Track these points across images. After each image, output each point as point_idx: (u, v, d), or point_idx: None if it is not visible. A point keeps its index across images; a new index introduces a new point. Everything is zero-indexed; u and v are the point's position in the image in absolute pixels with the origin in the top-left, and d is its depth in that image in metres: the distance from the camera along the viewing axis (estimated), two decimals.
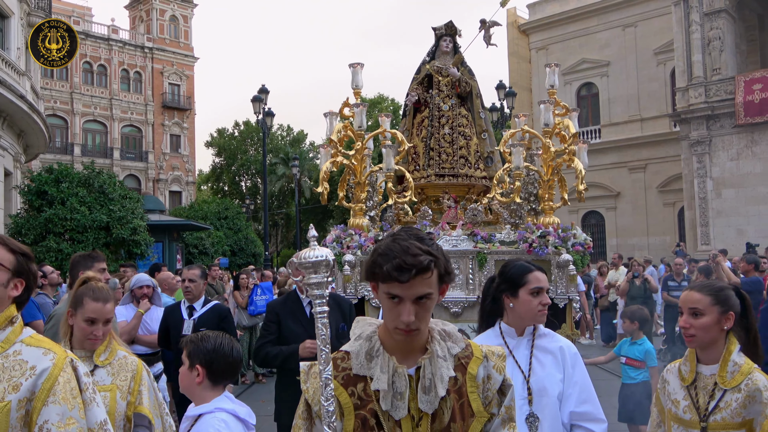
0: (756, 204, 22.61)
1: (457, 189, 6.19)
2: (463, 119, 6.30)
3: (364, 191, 5.39)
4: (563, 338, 2.79)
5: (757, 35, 25.44)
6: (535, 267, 2.75)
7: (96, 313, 2.78)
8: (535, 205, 5.55)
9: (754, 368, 2.40)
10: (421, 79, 6.48)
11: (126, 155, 41.68)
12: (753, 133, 22.74)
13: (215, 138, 49.13)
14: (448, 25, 6.47)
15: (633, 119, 28.90)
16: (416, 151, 6.33)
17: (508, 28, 31.44)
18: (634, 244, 27.74)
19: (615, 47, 29.30)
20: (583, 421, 2.57)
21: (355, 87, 5.29)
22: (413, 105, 6.46)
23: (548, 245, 4.97)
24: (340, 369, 1.74)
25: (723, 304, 2.45)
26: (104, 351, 2.81)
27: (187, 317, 4.82)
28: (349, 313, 4.25)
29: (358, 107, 5.16)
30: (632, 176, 28.85)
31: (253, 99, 20.06)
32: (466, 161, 6.22)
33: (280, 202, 47.08)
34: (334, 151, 5.25)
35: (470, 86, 6.36)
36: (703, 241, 23.64)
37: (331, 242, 5.34)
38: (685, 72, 24.13)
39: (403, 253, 1.62)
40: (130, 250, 17.54)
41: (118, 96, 41.25)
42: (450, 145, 6.21)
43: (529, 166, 5.32)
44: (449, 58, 6.45)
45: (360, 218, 5.40)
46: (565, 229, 5.03)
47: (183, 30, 43.96)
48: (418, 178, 6.23)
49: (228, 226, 30.18)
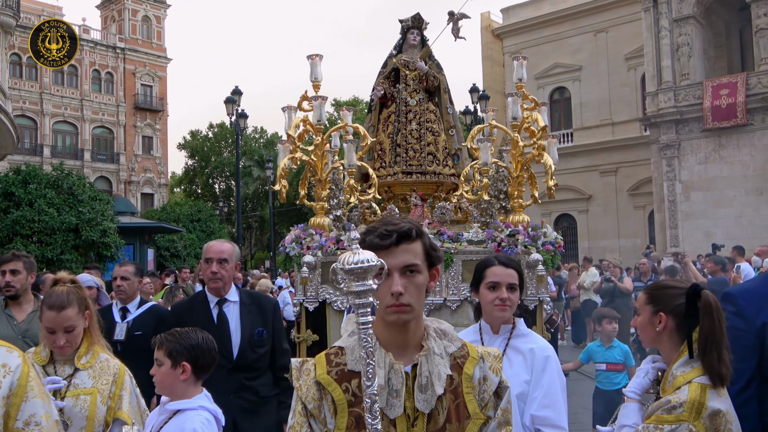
0: (723, 207, 22.79)
1: (425, 187, 5.90)
2: (431, 115, 6.00)
3: (325, 189, 5.06)
4: (541, 340, 2.71)
5: (724, 41, 25.70)
6: (500, 261, 2.68)
7: (51, 323, 2.64)
8: (505, 203, 5.29)
9: (693, 383, 2.06)
10: (388, 73, 6.17)
11: (97, 157, 40.82)
12: (720, 137, 22.93)
13: (188, 140, 48.42)
14: (416, 17, 6.18)
15: (604, 123, 29.02)
16: (382, 148, 6.03)
17: (482, 32, 31.40)
18: (605, 247, 27.80)
19: (587, 52, 29.40)
20: (543, 425, 2.53)
21: (314, 79, 4.96)
22: (379, 100, 6.15)
23: (517, 244, 4.70)
24: (334, 364, 1.69)
25: (656, 303, 2.21)
26: (86, 354, 2.72)
27: (119, 320, 4.25)
28: (273, 317, 3.81)
29: (317, 100, 4.84)
30: (603, 179, 28.95)
31: (226, 100, 19.72)
32: (434, 158, 5.93)
33: (254, 204, 46.51)
34: (293, 146, 4.92)
35: (438, 80, 6.07)
36: (672, 243, 23.78)
37: (290, 242, 5.01)
38: (654, 77, 24.27)
39: (384, 224, 1.67)
40: (100, 253, 17.21)
41: (89, 97, 40.36)
42: (417, 141, 5.92)
43: (498, 162, 5.06)
44: (417, 51, 6.16)
45: (321, 217, 5.08)
46: (534, 227, 4.77)
47: (156, 30, 43.20)
48: (385, 175, 5.92)
49: (201, 229, 29.89)
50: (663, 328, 2.18)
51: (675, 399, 2.05)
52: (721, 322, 2.10)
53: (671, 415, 2.02)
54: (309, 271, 4.81)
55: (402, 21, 6.27)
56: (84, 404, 2.63)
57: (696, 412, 2.00)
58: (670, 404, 2.04)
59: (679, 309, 2.16)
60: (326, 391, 1.66)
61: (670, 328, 2.17)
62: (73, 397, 2.64)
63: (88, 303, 2.80)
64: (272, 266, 26.36)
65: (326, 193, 5.05)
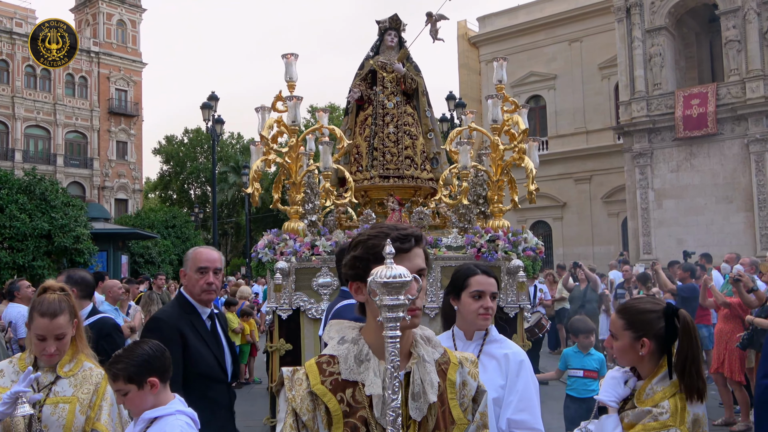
0: (695, 214, 23.01)
1: (402, 191, 5.72)
2: (408, 118, 5.85)
3: (300, 192, 4.86)
4: (514, 346, 2.69)
5: (695, 52, 26.03)
6: (481, 270, 2.67)
7: (43, 330, 2.60)
8: (484, 207, 5.14)
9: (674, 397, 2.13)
10: (365, 75, 6.00)
11: (70, 162, 39.99)
12: (692, 146, 23.17)
13: (164, 145, 47.73)
14: (393, 18, 6.03)
15: (579, 131, 29.19)
16: (359, 152, 5.85)
17: (459, 41, 31.45)
18: (579, 254, 27.89)
19: (561, 61, 29.59)
20: (519, 429, 2.54)
21: (289, 79, 4.77)
22: (356, 102, 5.98)
23: (498, 250, 4.54)
24: (327, 374, 1.63)
25: (637, 329, 2.25)
26: (69, 362, 2.68)
27: None
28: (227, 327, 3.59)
29: (292, 100, 4.64)
30: (578, 187, 29.10)
31: (202, 106, 19.43)
32: (411, 162, 5.77)
33: (230, 210, 45.96)
34: (266, 148, 4.71)
35: (416, 83, 5.92)
36: (645, 250, 23.95)
37: (263, 248, 4.80)
38: (627, 86, 24.47)
39: (394, 229, 1.65)
40: (73, 259, 16.95)
41: (63, 101, 39.54)
42: (395, 144, 5.75)
43: (478, 166, 4.90)
44: (394, 53, 6.00)
45: (295, 222, 4.87)
46: (515, 233, 4.62)
47: (131, 35, 42.53)
48: (361, 179, 5.74)
49: (176, 235, 29.59)
50: (647, 353, 2.22)
51: (657, 410, 2.11)
52: (696, 339, 2.18)
53: (657, 422, 2.08)
54: (282, 278, 4.59)
55: (379, 22, 6.11)
56: (62, 412, 2.59)
57: (681, 417, 2.09)
58: (653, 414, 2.10)
59: (661, 332, 2.21)
60: (320, 401, 1.61)
61: (651, 350, 2.23)
62: (52, 405, 2.60)
63: (76, 311, 2.76)
64: (248, 273, 26.03)
65: (301, 197, 4.85)
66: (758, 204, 21.90)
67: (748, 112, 21.86)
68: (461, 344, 2.67)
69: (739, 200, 22.39)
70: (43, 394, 2.61)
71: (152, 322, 3.20)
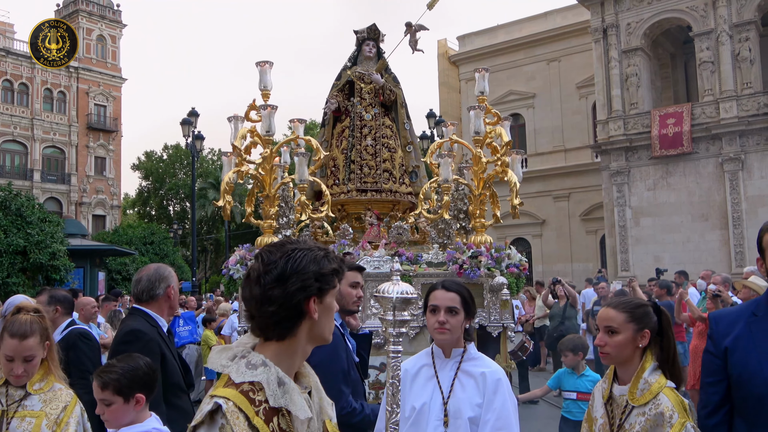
0: (671, 232, 23.10)
1: (380, 205, 5.48)
2: (386, 130, 5.63)
3: (274, 206, 4.60)
4: (492, 364, 2.64)
5: (670, 73, 26.35)
6: (443, 285, 2.66)
7: (12, 351, 2.59)
8: (465, 223, 4.91)
9: (666, 388, 2.30)
10: (342, 85, 5.78)
11: (47, 177, 39.18)
12: (668, 164, 23.31)
13: (143, 161, 47.11)
14: (371, 28, 5.83)
15: (557, 150, 29.29)
16: (336, 164, 5.61)
17: (439, 59, 31.54)
18: (558, 271, 27.85)
19: (540, 80, 29.76)
20: None
21: (263, 88, 4.53)
22: (333, 113, 5.75)
23: (480, 267, 4.31)
24: (257, 403, 1.49)
25: (639, 322, 2.38)
26: (39, 381, 2.67)
27: None
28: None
29: (266, 110, 4.40)
30: (557, 204, 29.13)
31: (182, 122, 19.29)
32: (390, 175, 5.54)
33: (210, 227, 45.37)
34: (239, 159, 4.45)
35: (395, 94, 5.70)
36: (623, 267, 23.98)
37: (234, 264, 4.52)
38: (605, 105, 24.64)
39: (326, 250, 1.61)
40: (49, 276, 16.60)
41: (41, 116, 38.81)
42: (373, 157, 5.52)
43: (459, 179, 4.69)
44: (372, 63, 5.79)
45: (269, 236, 4.60)
46: (498, 249, 4.40)
47: (111, 50, 42.00)
48: (338, 193, 5.50)
49: (154, 252, 29.23)
50: (646, 344, 2.38)
51: (665, 410, 2.23)
52: (673, 334, 2.43)
53: (675, 426, 2.21)
54: None
55: (357, 32, 5.91)
56: (28, 426, 2.59)
57: (684, 410, 2.26)
58: (665, 416, 2.22)
59: (656, 325, 2.39)
60: None
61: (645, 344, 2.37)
62: (19, 419, 2.61)
63: (48, 333, 2.75)
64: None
65: (275, 211, 4.59)
66: (732, 222, 22.04)
67: (722, 131, 22.07)
68: (439, 361, 2.61)
69: (714, 218, 22.53)
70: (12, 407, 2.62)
71: (131, 335, 3.09)
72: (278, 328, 1.53)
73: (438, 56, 31.50)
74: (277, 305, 1.50)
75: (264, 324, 1.53)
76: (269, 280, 1.50)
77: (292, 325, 1.53)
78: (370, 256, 4.59)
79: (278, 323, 1.52)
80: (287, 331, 1.53)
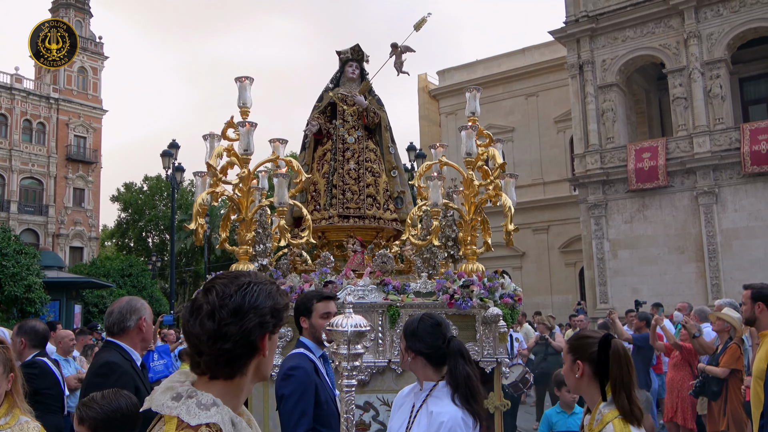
0: (649, 264, 23.02)
1: (363, 233, 5.11)
2: (370, 154, 5.29)
3: (250, 230, 4.21)
4: (446, 405, 2.50)
5: (645, 108, 26.62)
6: (406, 322, 2.64)
7: None
8: (453, 251, 4.57)
9: (616, 419, 2.24)
10: (323, 107, 5.45)
11: (24, 209, 38.27)
12: (644, 198, 23.34)
13: (122, 193, 46.35)
14: (355, 48, 5.54)
15: (536, 182, 29.29)
16: (317, 189, 5.25)
17: (419, 93, 31.64)
18: (539, 303, 27.60)
19: (519, 114, 29.91)
20: None
21: (242, 105, 4.19)
22: (314, 136, 5.42)
23: (472, 297, 3.95)
24: None
25: (575, 353, 2.38)
26: (5, 415, 2.61)
27: None
28: None
29: (244, 126, 4.05)
30: (536, 237, 29.00)
31: (162, 154, 18.93)
32: (374, 201, 5.19)
33: (189, 259, 44.51)
34: (214, 179, 4.08)
35: (379, 117, 5.39)
36: (601, 299, 23.81)
37: None
38: (582, 139, 24.72)
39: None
40: (23, 309, 16.13)
41: (19, 147, 38.07)
42: (356, 182, 5.18)
43: (449, 203, 4.35)
44: (356, 85, 5.49)
45: (244, 263, 4.20)
46: (491, 277, 4.05)
47: (92, 82, 41.56)
48: (319, 219, 5.13)
49: (132, 284, 28.67)
50: (581, 375, 2.32)
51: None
52: (629, 366, 2.28)
53: None
54: None
55: (340, 53, 5.62)
56: None
57: None
58: None
59: (593, 356, 2.31)
60: None
61: (588, 374, 2.31)
62: None
63: (13, 365, 2.69)
64: None
65: (251, 236, 4.20)
66: (708, 254, 22.03)
67: (696, 165, 22.20)
68: (418, 393, 2.62)
69: (690, 251, 22.51)
70: None
71: (105, 367, 3.04)
72: (229, 366, 1.42)
73: (418, 90, 31.62)
74: (233, 342, 1.38)
75: (215, 362, 1.41)
76: (225, 315, 1.38)
77: (243, 364, 1.43)
78: (354, 285, 4.21)
79: (230, 361, 1.41)
80: (238, 370, 1.44)
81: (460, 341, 2.62)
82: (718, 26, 22.39)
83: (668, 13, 23.03)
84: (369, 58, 5.61)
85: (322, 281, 4.17)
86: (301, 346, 3.12)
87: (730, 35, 22.18)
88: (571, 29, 24.68)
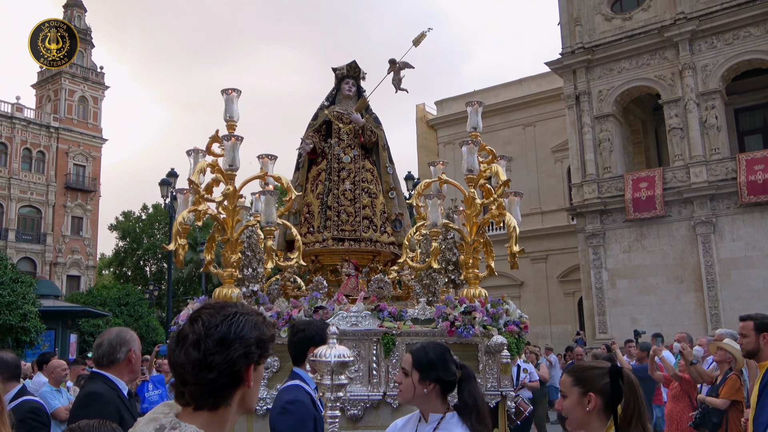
0: (647, 294, 22.67)
1: (359, 256, 4.77)
2: (367, 174, 4.99)
3: (236, 252, 3.88)
4: None
5: (642, 138, 26.54)
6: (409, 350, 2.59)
7: None
8: (453, 275, 4.24)
9: None
10: (318, 125, 5.16)
11: (22, 237, 37.91)
12: (642, 227, 23.09)
13: (120, 221, 46.04)
14: (351, 65, 5.27)
15: (534, 212, 29.03)
16: (310, 210, 4.93)
17: (417, 123, 31.62)
18: (537, 333, 27.11)
19: (516, 144, 29.79)
20: None
21: (229, 118, 3.90)
22: (308, 155, 5.12)
23: (475, 324, 3.60)
24: None
25: (583, 385, 2.25)
26: None
27: None
28: None
29: (230, 140, 3.74)
30: (534, 266, 28.63)
31: (161, 182, 18.75)
32: (370, 223, 4.87)
33: (187, 288, 43.95)
34: (197, 196, 3.76)
35: (376, 135, 5.11)
36: (600, 329, 23.39)
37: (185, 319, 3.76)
38: (579, 169, 24.55)
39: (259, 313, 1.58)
40: (18, 338, 15.73)
41: (18, 175, 37.87)
42: (351, 203, 4.86)
43: (449, 224, 4.03)
44: (352, 103, 5.22)
45: (229, 287, 3.85)
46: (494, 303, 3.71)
47: (92, 111, 41.57)
48: (312, 242, 4.80)
49: (128, 313, 28.19)
50: (593, 408, 2.20)
51: None
52: (641, 397, 2.18)
53: None
54: None
55: (336, 69, 5.35)
56: None
57: None
58: None
59: (606, 388, 2.20)
60: None
61: (598, 407, 2.20)
62: None
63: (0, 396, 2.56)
64: None
65: (237, 258, 3.86)
66: (707, 284, 21.71)
67: (693, 195, 22.01)
68: (420, 426, 2.55)
69: (689, 280, 22.18)
70: None
71: (88, 397, 3.03)
72: (213, 396, 1.43)
73: (416, 120, 31.61)
74: (218, 372, 1.40)
75: (200, 392, 1.42)
76: (210, 345, 1.39)
77: (227, 394, 1.44)
78: (346, 311, 3.86)
79: (215, 391, 1.42)
80: (222, 400, 1.44)
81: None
82: (712, 58, 22.42)
83: (663, 45, 23.09)
84: (366, 75, 5.35)
85: (312, 307, 3.83)
86: (295, 378, 2.90)
87: (725, 67, 22.20)
88: (568, 60, 24.72)
